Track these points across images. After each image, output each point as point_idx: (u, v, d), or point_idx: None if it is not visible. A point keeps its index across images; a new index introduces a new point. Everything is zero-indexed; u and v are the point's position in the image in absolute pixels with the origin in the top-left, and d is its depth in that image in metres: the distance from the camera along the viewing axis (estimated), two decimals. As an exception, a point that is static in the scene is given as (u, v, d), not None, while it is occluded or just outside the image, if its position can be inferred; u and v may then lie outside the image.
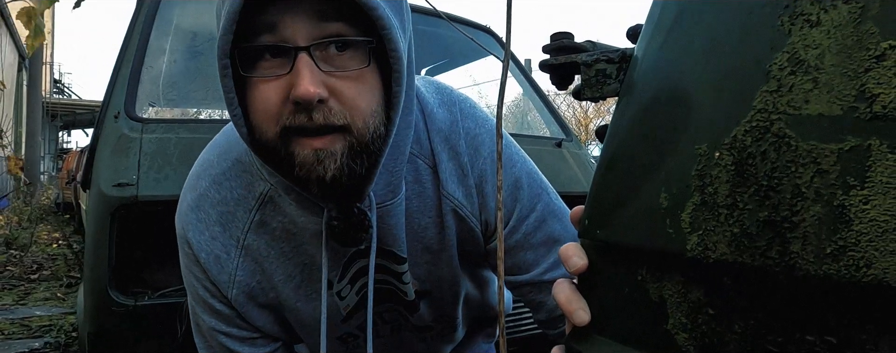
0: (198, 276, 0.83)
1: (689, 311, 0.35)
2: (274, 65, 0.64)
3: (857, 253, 0.26)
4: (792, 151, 0.29)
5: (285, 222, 0.78)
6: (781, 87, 0.30)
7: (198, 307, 0.86)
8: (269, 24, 0.62)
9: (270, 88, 0.63)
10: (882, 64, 0.26)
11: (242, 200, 0.80)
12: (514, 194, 0.83)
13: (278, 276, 0.82)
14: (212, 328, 0.85)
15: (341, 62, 0.64)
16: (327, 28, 0.63)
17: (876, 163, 0.26)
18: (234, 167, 0.80)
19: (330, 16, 0.63)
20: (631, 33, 0.45)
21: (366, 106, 0.66)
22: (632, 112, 0.41)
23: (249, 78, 0.64)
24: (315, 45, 0.62)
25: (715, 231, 0.33)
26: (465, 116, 0.84)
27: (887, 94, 0.26)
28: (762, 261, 0.30)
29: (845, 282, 0.26)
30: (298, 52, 0.62)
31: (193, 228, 0.81)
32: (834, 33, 0.28)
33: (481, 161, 0.82)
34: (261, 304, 0.85)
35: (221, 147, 0.83)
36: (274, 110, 0.63)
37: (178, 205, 0.85)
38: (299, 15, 0.62)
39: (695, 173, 0.34)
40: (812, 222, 0.28)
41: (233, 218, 0.80)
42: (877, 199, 0.26)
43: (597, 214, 0.43)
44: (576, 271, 0.43)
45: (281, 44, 0.62)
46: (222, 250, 0.80)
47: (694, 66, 0.37)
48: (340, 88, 0.64)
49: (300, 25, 0.62)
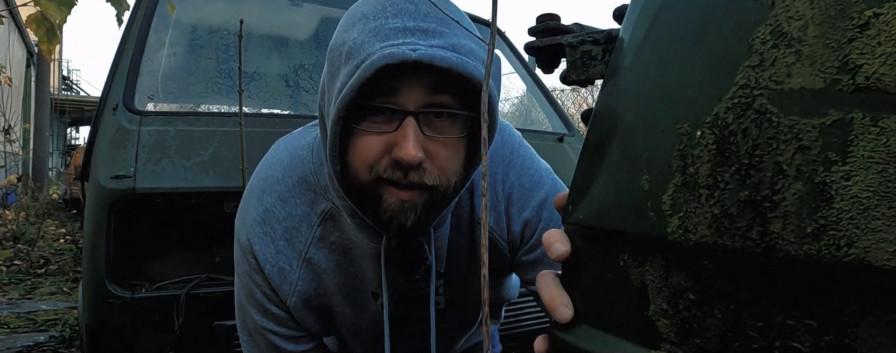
0: (258, 283, 0.88)
1: (669, 296, 0.34)
2: (381, 121, 0.70)
3: (838, 232, 0.25)
4: (773, 127, 0.28)
5: (343, 238, 0.85)
6: (764, 61, 0.29)
7: (251, 308, 0.91)
8: (389, 88, 0.69)
9: (374, 141, 0.70)
10: (866, 33, 0.25)
11: (306, 216, 0.86)
12: (539, 214, 0.88)
13: (332, 285, 0.89)
14: (262, 327, 0.91)
15: (441, 128, 0.72)
16: (436, 98, 0.70)
17: (858, 137, 0.25)
18: (299, 185, 0.86)
19: (442, 88, 0.69)
20: (617, 14, 0.43)
21: (454, 167, 0.74)
22: (616, 94, 0.40)
23: (357, 129, 0.71)
24: (422, 112, 0.70)
25: (696, 213, 0.31)
26: (503, 143, 0.90)
27: (870, 64, 0.24)
28: (742, 243, 0.29)
29: (826, 262, 0.25)
30: (407, 116, 0.69)
31: (259, 241, 0.86)
32: (818, 2, 0.27)
33: (509, 185, 0.89)
34: (313, 308, 0.91)
35: (285, 164, 0.88)
36: (371, 160, 0.71)
37: (241, 215, 0.90)
38: (417, 85, 0.69)
39: (676, 154, 0.33)
40: (793, 200, 0.27)
41: (297, 233, 0.86)
42: (859, 174, 0.24)
43: (580, 198, 0.41)
44: (558, 257, 0.42)
45: (395, 107, 0.69)
46: (286, 262, 0.86)
47: (679, 44, 0.35)
48: (436, 151, 0.71)
49: (416, 94, 0.69)
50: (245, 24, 1.45)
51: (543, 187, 0.89)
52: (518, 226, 0.88)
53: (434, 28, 0.68)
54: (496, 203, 0.88)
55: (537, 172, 0.90)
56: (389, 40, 0.66)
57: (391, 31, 0.67)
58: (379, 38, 0.67)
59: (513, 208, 0.88)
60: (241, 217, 0.90)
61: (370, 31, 0.68)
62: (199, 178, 1.36)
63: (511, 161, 0.90)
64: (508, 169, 0.89)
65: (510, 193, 0.88)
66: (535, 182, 0.89)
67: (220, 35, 1.82)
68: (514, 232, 0.88)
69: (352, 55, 0.68)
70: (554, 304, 0.42)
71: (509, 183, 0.88)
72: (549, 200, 0.88)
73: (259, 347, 0.94)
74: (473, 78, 0.67)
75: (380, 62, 0.64)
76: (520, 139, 0.94)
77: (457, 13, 0.74)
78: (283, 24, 2.07)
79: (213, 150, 1.40)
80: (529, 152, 0.93)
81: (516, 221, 0.88)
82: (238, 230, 0.89)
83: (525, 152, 0.92)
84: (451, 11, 0.72)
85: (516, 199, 0.88)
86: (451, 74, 0.66)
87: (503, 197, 0.88)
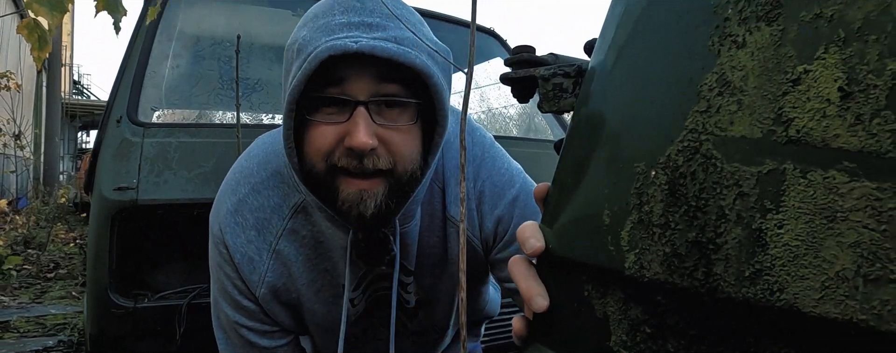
0: (229, 274, 0.89)
1: (628, 328, 0.35)
2: (334, 112, 0.74)
3: (772, 277, 0.26)
4: (718, 172, 0.29)
5: (314, 231, 0.87)
6: (710, 107, 0.30)
7: (224, 303, 0.92)
8: (337, 78, 0.72)
9: (327, 131, 0.73)
10: (797, 88, 0.26)
11: (278, 208, 0.87)
12: (511, 211, 0.90)
13: (302, 280, 0.89)
14: (235, 323, 0.91)
15: (392, 116, 0.75)
16: (384, 88, 0.73)
17: (790, 187, 0.26)
18: (272, 178, 0.88)
19: (388, 77, 0.73)
20: (587, 47, 0.45)
21: (408, 153, 0.76)
22: (582, 128, 0.41)
23: (311, 120, 0.74)
24: (372, 101, 0.73)
25: (650, 250, 0.33)
26: (474, 144, 0.93)
27: (801, 118, 0.26)
28: (689, 282, 0.30)
29: (761, 306, 0.26)
30: (357, 106, 0.72)
31: (231, 230, 0.87)
32: (757, 55, 0.28)
33: (481, 183, 0.90)
34: (283, 302, 0.91)
35: (260, 158, 0.91)
36: (326, 149, 0.74)
37: (216, 207, 0.91)
38: (364, 75, 0.72)
39: (634, 191, 0.34)
40: (733, 244, 0.28)
41: (268, 224, 0.87)
42: (790, 223, 0.26)
43: (551, 225, 0.43)
44: (532, 252, 0.43)
45: (343, 97, 0.72)
46: (256, 252, 0.87)
47: (638, 83, 0.37)
48: (388, 137, 0.74)
49: (363, 84, 0.72)
50: (248, 34, 1.47)
51: (515, 184, 0.91)
52: (491, 224, 0.90)
53: (378, 22, 0.72)
54: (468, 201, 0.89)
55: (508, 171, 0.92)
56: (334, 34, 0.71)
57: (337, 26, 0.72)
58: (325, 33, 0.71)
59: (485, 205, 0.90)
60: (215, 209, 0.91)
61: (318, 27, 0.72)
62: (200, 189, 1.39)
63: (482, 160, 0.92)
64: (480, 168, 0.91)
65: (482, 190, 0.90)
66: (506, 180, 0.91)
67: (223, 46, 1.85)
68: (487, 230, 0.90)
69: (301, 51, 0.72)
70: (531, 294, 0.43)
71: (481, 181, 0.91)
72: (520, 197, 0.90)
73: (234, 345, 0.94)
74: (415, 67, 0.71)
75: (323, 54, 0.68)
76: (491, 141, 0.96)
77: (403, 9, 0.78)
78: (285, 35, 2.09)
79: (214, 162, 1.43)
80: (500, 153, 0.95)
81: (489, 218, 0.90)
82: (212, 222, 0.90)
83: (495, 153, 0.94)
84: (396, 8, 0.76)
85: (488, 196, 0.90)
86: (394, 64, 0.70)
87: (475, 195, 0.90)
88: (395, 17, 0.74)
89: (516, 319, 0.47)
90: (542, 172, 1.03)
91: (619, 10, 0.40)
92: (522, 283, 0.44)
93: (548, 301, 0.42)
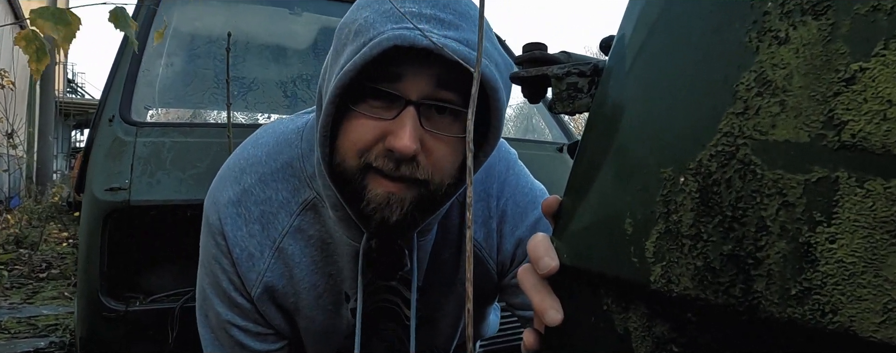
0: (225, 268, 0.82)
1: (653, 346, 0.33)
2: (379, 106, 0.67)
3: (823, 297, 0.24)
4: (757, 179, 0.27)
5: (322, 232, 0.80)
6: (748, 109, 0.28)
7: (215, 299, 0.84)
8: (393, 72, 0.65)
9: (368, 125, 0.67)
10: (852, 88, 0.24)
11: (286, 203, 0.80)
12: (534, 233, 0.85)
13: (304, 283, 0.83)
14: (226, 321, 0.84)
15: (442, 125, 0.68)
16: (440, 93, 0.66)
17: (844, 198, 0.23)
18: (283, 169, 0.81)
19: (448, 82, 0.66)
20: (603, 45, 0.42)
21: (449, 167, 0.70)
22: (600, 130, 0.39)
23: (353, 110, 0.67)
24: (424, 103, 0.66)
25: (679, 263, 0.30)
26: (500, 159, 0.88)
27: (856, 121, 0.23)
28: (725, 299, 0.28)
29: (810, 328, 0.24)
30: (408, 105, 0.65)
31: (231, 222, 0.80)
32: (803, 52, 0.26)
33: (504, 202, 0.85)
34: (278, 305, 0.85)
35: (270, 147, 0.83)
36: (362, 145, 0.67)
37: (213, 194, 0.83)
38: (422, 74, 0.65)
39: (660, 199, 0.32)
40: (776, 259, 0.26)
41: (274, 220, 0.80)
42: (844, 237, 0.23)
43: (563, 234, 0.40)
44: (546, 272, 0.41)
45: (394, 92, 0.66)
46: (257, 248, 0.80)
47: (662, 82, 0.34)
48: (432, 146, 0.67)
49: (420, 83, 0.65)
50: (244, 33, 1.44)
51: (538, 206, 0.86)
52: (510, 245, 0.85)
53: (451, 20, 0.65)
54: (488, 219, 0.85)
55: (531, 192, 0.88)
56: (402, 23, 0.64)
57: (406, 14, 0.64)
58: (391, 19, 0.64)
59: (506, 225, 0.85)
60: (212, 197, 0.83)
61: (383, 12, 0.65)
62: (193, 190, 1.36)
63: (506, 178, 0.87)
64: (504, 186, 0.86)
65: (504, 210, 0.85)
66: (529, 201, 0.87)
67: (218, 45, 1.82)
68: (506, 251, 0.85)
69: (360, 33, 0.65)
70: (543, 307, 0.41)
71: (504, 200, 0.86)
72: (543, 220, 0.85)
73: (222, 346, 0.86)
74: (484, 77, 0.64)
75: (387, 43, 0.61)
76: (515, 157, 0.92)
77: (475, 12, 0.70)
78: (281, 34, 2.06)
79: (208, 162, 1.40)
80: (523, 171, 0.91)
81: (509, 239, 0.85)
82: (208, 211, 0.83)
83: (519, 170, 0.90)
84: (470, 8, 0.69)
85: (510, 216, 0.85)
86: (459, 68, 0.62)
87: (497, 214, 0.85)
88: (468, 16, 0.67)
89: (527, 332, 0.44)
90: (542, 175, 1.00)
91: (641, 4, 0.37)
92: (534, 295, 0.42)
93: (562, 315, 0.40)
